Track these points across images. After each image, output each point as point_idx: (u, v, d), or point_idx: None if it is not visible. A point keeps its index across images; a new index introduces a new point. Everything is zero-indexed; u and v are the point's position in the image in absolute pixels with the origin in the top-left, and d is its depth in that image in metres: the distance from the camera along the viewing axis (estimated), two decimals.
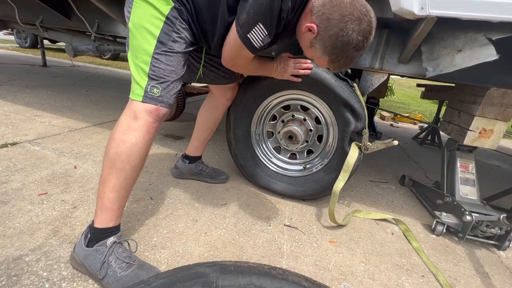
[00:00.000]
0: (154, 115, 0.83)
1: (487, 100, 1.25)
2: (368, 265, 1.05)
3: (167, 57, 0.83)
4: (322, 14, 0.78)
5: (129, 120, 0.81)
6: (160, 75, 0.82)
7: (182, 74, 0.89)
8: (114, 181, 0.81)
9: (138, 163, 0.83)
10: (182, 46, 0.86)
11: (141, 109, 0.81)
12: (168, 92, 0.85)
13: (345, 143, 1.28)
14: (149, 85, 0.81)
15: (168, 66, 0.83)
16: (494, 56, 1.05)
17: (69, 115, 2.25)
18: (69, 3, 2.05)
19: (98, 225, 0.83)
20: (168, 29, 0.82)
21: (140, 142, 0.81)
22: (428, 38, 1.20)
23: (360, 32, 0.77)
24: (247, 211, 1.28)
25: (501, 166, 2.71)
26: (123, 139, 0.80)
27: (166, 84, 0.84)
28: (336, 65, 0.85)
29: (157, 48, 0.81)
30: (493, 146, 1.31)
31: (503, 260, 1.21)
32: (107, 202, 0.82)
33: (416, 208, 1.56)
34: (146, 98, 0.81)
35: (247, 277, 0.59)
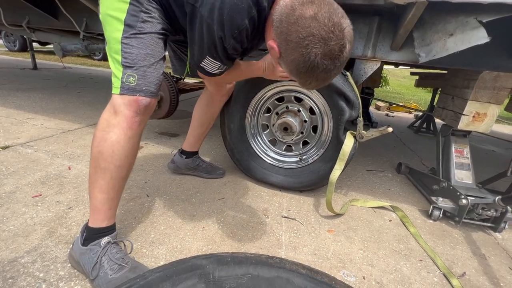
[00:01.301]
0: (134, 107, 0.76)
1: (480, 83, 1.25)
2: (367, 252, 1.05)
3: (139, 40, 0.75)
4: (280, 33, 0.67)
5: (109, 115, 0.76)
6: (134, 61, 0.75)
7: (162, 56, 0.82)
8: (100, 182, 0.78)
9: (123, 162, 0.78)
10: (155, 26, 0.78)
11: (120, 103, 0.75)
12: (146, 79, 0.77)
13: (340, 132, 1.28)
14: (124, 75, 0.75)
15: (141, 50, 0.75)
16: (485, 39, 1.04)
17: (61, 117, 2.22)
18: (55, 3, 2.01)
19: (92, 224, 0.82)
20: (134, 10, 0.74)
21: (121, 140, 0.76)
22: (419, 24, 1.19)
23: (326, 55, 0.62)
24: (244, 205, 1.28)
25: (496, 150, 2.73)
26: (104, 137, 0.75)
27: (142, 70, 0.76)
28: (308, 87, 0.74)
29: (125, 32, 0.74)
30: (487, 129, 1.31)
31: (499, 242, 1.22)
32: (97, 203, 0.80)
33: (413, 195, 1.57)
34: (123, 89, 0.75)
35: (244, 267, 0.58)
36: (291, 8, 0.64)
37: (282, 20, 0.66)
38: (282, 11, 0.66)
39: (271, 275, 0.57)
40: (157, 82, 0.81)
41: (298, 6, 0.63)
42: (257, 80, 1.34)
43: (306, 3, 0.62)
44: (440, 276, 0.97)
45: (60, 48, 2.11)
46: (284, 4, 0.67)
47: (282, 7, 0.67)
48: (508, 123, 4.46)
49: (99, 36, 2.29)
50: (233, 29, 0.71)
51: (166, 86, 1.92)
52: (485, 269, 1.03)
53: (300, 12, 0.62)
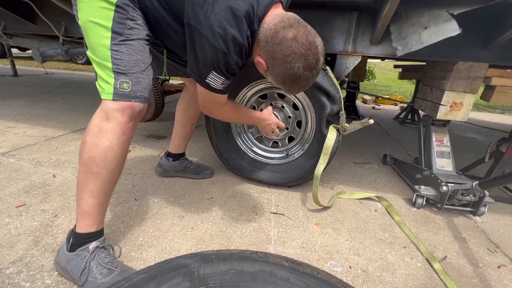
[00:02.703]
0: (128, 113, 0.78)
1: (455, 74, 1.30)
2: (353, 242, 1.08)
3: (128, 47, 0.76)
4: (267, 51, 0.79)
5: (101, 121, 0.77)
6: (126, 67, 0.76)
7: (150, 61, 0.84)
8: (91, 187, 0.78)
9: (115, 167, 0.79)
10: (142, 32, 0.80)
11: (113, 109, 0.76)
12: (139, 85, 0.79)
13: (323, 127, 1.31)
14: (117, 81, 0.76)
15: (131, 56, 0.77)
16: (457, 31, 1.08)
17: (44, 124, 2.17)
18: (31, 7, 1.95)
19: (79, 230, 0.81)
20: (120, 17, 0.75)
21: (115, 145, 0.77)
22: (395, 18, 1.22)
23: (306, 68, 0.77)
24: (233, 203, 1.29)
25: (477, 138, 2.83)
26: (96, 143, 0.76)
27: (135, 77, 0.78)
28: (292, 93, 0.89)
29: (113, 39, 0.75)
30: (464, 118, 1.36)
31: (479, 225, 1.28)
32: (87, 208, 0.79)
33: (398, 185, 1.61)
34: (117, 95, 0.76)
35: (228, 263, 0.60)
36: (274, 31, 0.77)
37: (268, 41, 0.78)
38: (267, 33, 0.78)
39: (255, 269, 0.59)
40: (149, 87, 0.83)
41: (281, 29, 0.76)
42: (239, 79, 1.35)
43: (286, 27, 0.76)
44: (423, 261, 1.01)
45: (39, 53, 2.06)
46: (268, 27, 0.78)
47: (266, 30, 0.78)
48: (488, 110, 4.62)
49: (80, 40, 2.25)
50: (235, 47, 0.78)
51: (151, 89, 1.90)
52: (465, 252, 1.08)
53: (282, 34, 0.76)
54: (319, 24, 1.38)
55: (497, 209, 1.41)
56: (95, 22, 0.74)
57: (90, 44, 0.77)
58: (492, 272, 0.99)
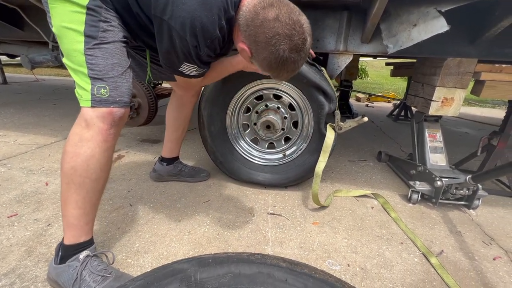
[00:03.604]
0: (109, 120, 0.75)
1: (445, 70, 1.32)
2: (351, 240, 1.09)
3: (103, 50, 0.73)
4: (249, 35, 0.74)
5: (81, 129, 0.74)
6: (102, 71, 0.73)
7: (128, 64, 0.80)
8: (75, 197, 0.75)
9: (98, 175, 0.77)
10: (117, 34, 0.77)
11: (92, 116, 0.73)
12: (118, 89, 0.76)
13: (322, 126, 1.31)
14: (94, 87, 0.72)
15: (107, 60, 0.74)
16: (445, 27, 1.10)
17: (36, 132, 2.13)
18: (19, 13, 1.92)
19: (67, 242, 0.79)
20: (92, 20, 0.72)
21: (96, 153, 0.74)
22: (385, 16, 1.24)
23: (292, 49, 0.72)
24: (230, 205, 1.28)
25: (469, 132, 2.88)
26: (77, 152, 0.73)
27: (112, 81, 0.74)
28: (280, 79, 0.83)
29: (86, 43, 0.71)
30: (455, 113, 1.38)
31: (473, 218, 1.29)
32: (73, 220, 0.77)
33: (393, 181, 1.63)
34: (95, 101, 0.73)
35: (225, 266, 0.59)
36: (254, 12, 0.72)
37: (249, 24, 0.73)
38: (246, 16, 0.73)
39: (252, 272, 0.58)
40: (129, 91, 0.80)
41: (261, 10, 0.71)
42: (234, 81, 1.34)
43: (267, 7, 0.70)
44: (420, 256, 1.02)
45: (28, 60, 2.02)
46: (247, 10, 0.73)
47: (246, 13, 0.74)
48: (479, 105, 4.70)
49: None
50: (206, 39, 0.74)
51: (143, 93, 1.89)
52: (461, 245, 1.09)
53: (263, 15, 0.70)
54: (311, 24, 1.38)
55: (491, 202, 1.44)
56: (67, 27, 0.72)
57: (65, 50, 0.75)
58: (488, 264, 1.00)
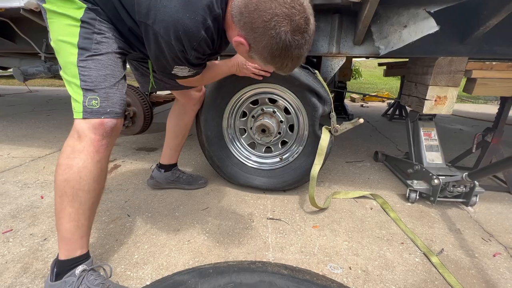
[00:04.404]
0: (100, 130, 0.75)
1: (437, 69, 1.33)
2: (351, 242, 1.08)
3: (96, 62, 0.74)
4: (244, 24, 0.67)
5: (73, 141, 0.74)
6: (94, 83, 0.74)
7: (122, 75, 0.81)
8: (68, 210, 0.75)
9: (92, 187, 0.76)
10: (111, 46, 0.78)
11: (84, 127, 0.74)
12: (109, 100, 0.76)
13: (316, 128, 1.32)
14: (86, 98, 0.73)
15: (99, 71, 0.74)
16: (435, 28, 1.11)
17: (30, 144, 2.10)
18: (10, 25, 1.91)
19: (63, 257, 0.77)
20: (86, 32, 0.73)
21: (89, 165, 0.74)
22: (376, 18, 1.25)
23: (295, 31, 0.64)
24: (229, 211, 1.27)
25: (463, 129, 2.91)
26: (69, 164, 0.73)
27: (104, 92, 0.75)
28: (285, 70, 0.74)
29: (80, 55, 0.73)
30: (449, 111, 1.40)
31: (472, 215, 1.30)
32: (67, 233, 0.76)
33: (391, 181, 1.63)
34: (86, 113, 0.74)
35: (226, 276, 0.59)
36: None
37: (242, 12, 0.66)
38: (239, 4, 0.67)
39: (254, 281, 0.58)
40: (121, 102, 0.80)
41: None
42: (229, 86, 1.35)
43: None
44: (421, 256, 1.01)
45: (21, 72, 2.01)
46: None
47: (238, 1, 0.68)
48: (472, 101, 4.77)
49: None
50: (191, 42, 0.73)
51: (138, 101, 1.88)
52: (461, 243, 1.09)
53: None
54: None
55: (488, 198, 1.45)
56: (63, 40, 0.73)
57: (61, 63, 0.76)
58: (488, 261, 1.00)
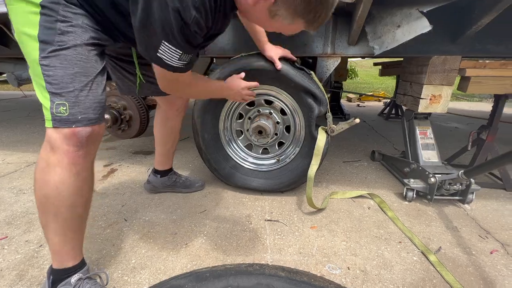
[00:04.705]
0: (73, 141, 0.65)
1: (431, 68, 1.34)
2: (349, 242, 1.08)
3: (61, 58, 0.62)
4: None
5: (46, 153, 0.66)
6: (60, 85, 0.62)
7: (97, 71, 0.69)
8: (53, 226, 0.70)
9: (74, 201, 0.70)
10: (81, 36, 0.65)
11: (56, 138, 0.65)
12: (80, 105, 0.64)
13: (312, 129, 1.32)
14: (53, 104, 0.63)
15: (66, 70, 0.62)
16: (428, 27, 1.12)
17: (25, 149, 2.08)
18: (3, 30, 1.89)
19: (56, 266, 0.75)
20: (47, 20, 0.61)
21: (67, 179, 0.66)
22: (370, 19, 1.26)
23: None
24: (227, 214, 1.27)
25: (459, 127, 2.93)
26: (45, 179, 0.66)
27: (73, 96, 0.63)
28: (317, 23, 0.63)
29: (41, 51, 0.61)
30: (444, 109, 1.41)
31: (468, 213, 1.31)
32: (56, 246, 0.73)
33: (388, 180, 1.64)
34: (55, 121, 0.63)
35: (223, 280, 0.58)
36: None
37: None
38: None
39: (251, 283, 0.57)
40: (96, 105, 0.68)
41: None
42: None
43: None
44: (419, 255, 1.02)
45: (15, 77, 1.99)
46: None
47: None
48: (467, 99, 4.81)
49: None
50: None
51: (134, 104, 1.87)
52: (458, 241, 1.10)
53: None
54: None
55: (484, 195, 1.46)
56: (23, 32, 0.62)
57: (26, 59, 0.65)
58: (486, 258, 1.01)
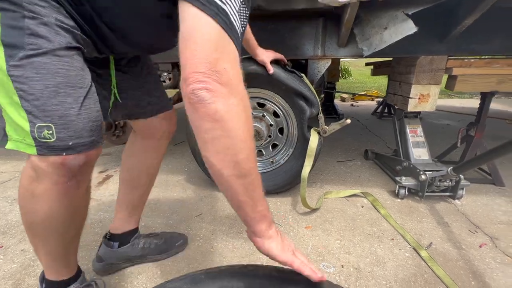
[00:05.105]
0: (63, 171, 0.53)
1: (419, 68, 1.38)
2: (343, 241, 1.10)
3: (36, 66, 0.47)
4: None
5: (31, 182, 0.55)
6: (41, 100, 0.48)
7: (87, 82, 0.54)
8: (43, 249, 0.64)
9: (67, 226, 0.63)
10: (60, 38, 0.49)
11: (41, 166, 0.52)
12: (70, 127, 0.51)
13: (305, 130, 1.34)
14: (34, 126, 0.48)
15: (46, 81, 0.48)
16: (414, 29, 1.16)
17: (19, 157, 2.07)
18: None
19: (49, 277, 0.70)
20: (11, 17, 0.46)
21: (56, 209, 0.57)
22: (357, 21, 1.29)
23: None
24: (223, 217, 1.28)
25: (450, 124, 2.98)
26: (34, 209, 0.57)
27: (58, 115, 0.49)
28: None
29: (9, 57, 0.46)
30: (432, 108, 1.44)
31: (459, 208, 1.34)
32: (47, 263, 0.68)
33: (381, 178, 1.67)
34: (41, 148, 0.50)
35: (218, 281, 0.60)
36: None
37: None
38: None
39: (246, 284, 0.59)
40: (91, 125, 0.54)
41: None
42: None
43: None
44: (410, 251, 1.04)
45: None
46: None
47: None
48: (458, 96, 4.89)
49: None
50: None
51: None
52: (449, 236, 1.13)
53: None
54: (289, 32, 1.43)
55: (474, 191, 1.49)
56: None
57: None
58: (475, 252, 1.03)
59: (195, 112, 0.43)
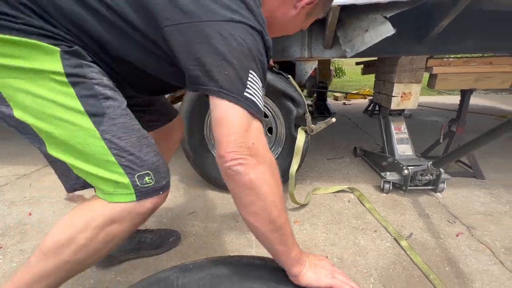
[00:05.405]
0: (152, 210, 0.61)
1: (400, 67, 1.44)
2: (329, 234, 1.16)
3: (119, 126, 0.55)
4: None
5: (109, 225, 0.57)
6: (135, 155, 0.56)
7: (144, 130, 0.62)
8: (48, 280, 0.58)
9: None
10: (120, 96, 0.58)
11: (136, 211, 0.58)
12: (159, 169, 0.59)
13: (292, 130, 1.40)
14: (134, 176, 0.56)
15: (131, 138, 0.56)
16: (392, 31, 1.22)
17: (15, 162, 2.10)
18: None
19: None
20: (84, 88, 0.52)
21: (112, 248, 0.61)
22: (340, 24, 1.35)
23: None
24: (215, 214, 1.33)
25: (438, 120, 3.06)
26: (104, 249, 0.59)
27: (150, 163, 0.58)
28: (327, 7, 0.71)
29: (97, 124, 0.52)
30: (414, 105, 1.51)
31: (440, 200, 1.40)
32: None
33: (368, 174, 1.73)
34: (141, 193, 0.57)
35: (205, 270, 0.65)
36: None
37: None
38: None
39: (229, 271, 0.64)
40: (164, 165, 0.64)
41: None
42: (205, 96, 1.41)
43: None
44: (391, 241, 1.10)
45: None
46: None
47: None
48: (448, 93, 4.99)
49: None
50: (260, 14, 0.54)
51: None
52: (429, 227, 1.19)
53: None
54: None
55: (456, 184, 1.56)
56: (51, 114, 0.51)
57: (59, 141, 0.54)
58: (452, 241, 1.10)
59: (233, 182, 0.53)
